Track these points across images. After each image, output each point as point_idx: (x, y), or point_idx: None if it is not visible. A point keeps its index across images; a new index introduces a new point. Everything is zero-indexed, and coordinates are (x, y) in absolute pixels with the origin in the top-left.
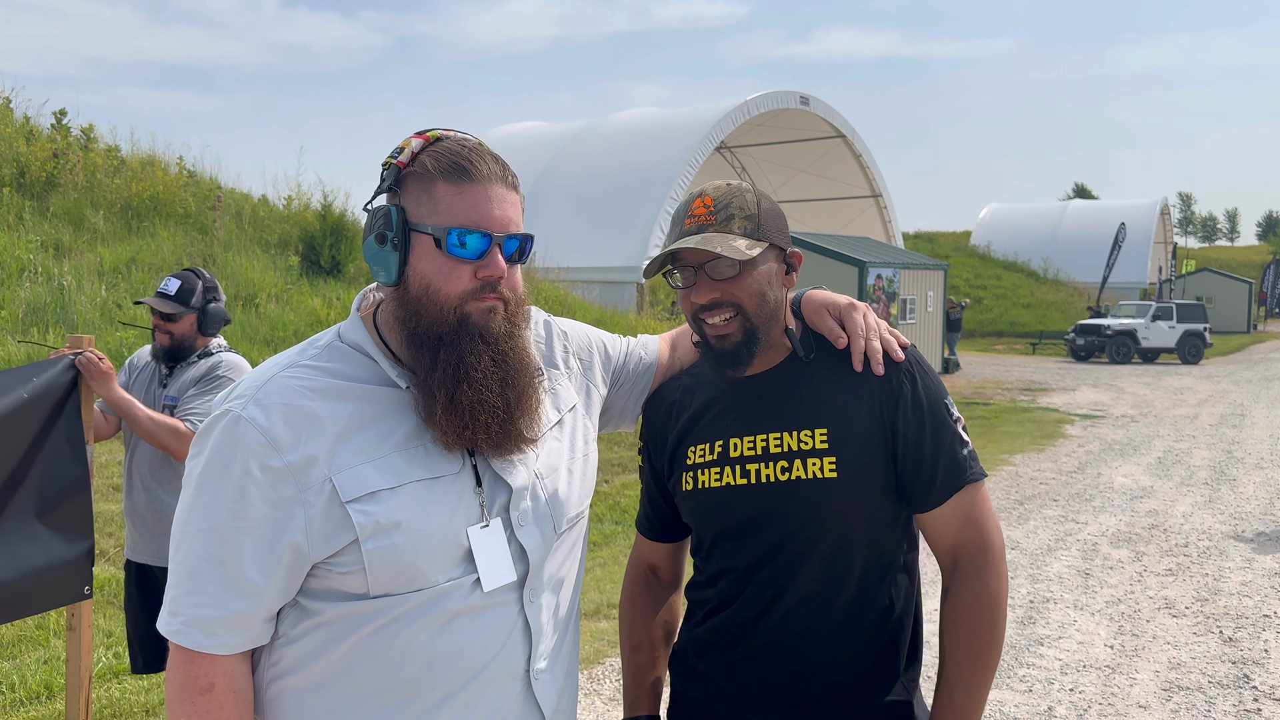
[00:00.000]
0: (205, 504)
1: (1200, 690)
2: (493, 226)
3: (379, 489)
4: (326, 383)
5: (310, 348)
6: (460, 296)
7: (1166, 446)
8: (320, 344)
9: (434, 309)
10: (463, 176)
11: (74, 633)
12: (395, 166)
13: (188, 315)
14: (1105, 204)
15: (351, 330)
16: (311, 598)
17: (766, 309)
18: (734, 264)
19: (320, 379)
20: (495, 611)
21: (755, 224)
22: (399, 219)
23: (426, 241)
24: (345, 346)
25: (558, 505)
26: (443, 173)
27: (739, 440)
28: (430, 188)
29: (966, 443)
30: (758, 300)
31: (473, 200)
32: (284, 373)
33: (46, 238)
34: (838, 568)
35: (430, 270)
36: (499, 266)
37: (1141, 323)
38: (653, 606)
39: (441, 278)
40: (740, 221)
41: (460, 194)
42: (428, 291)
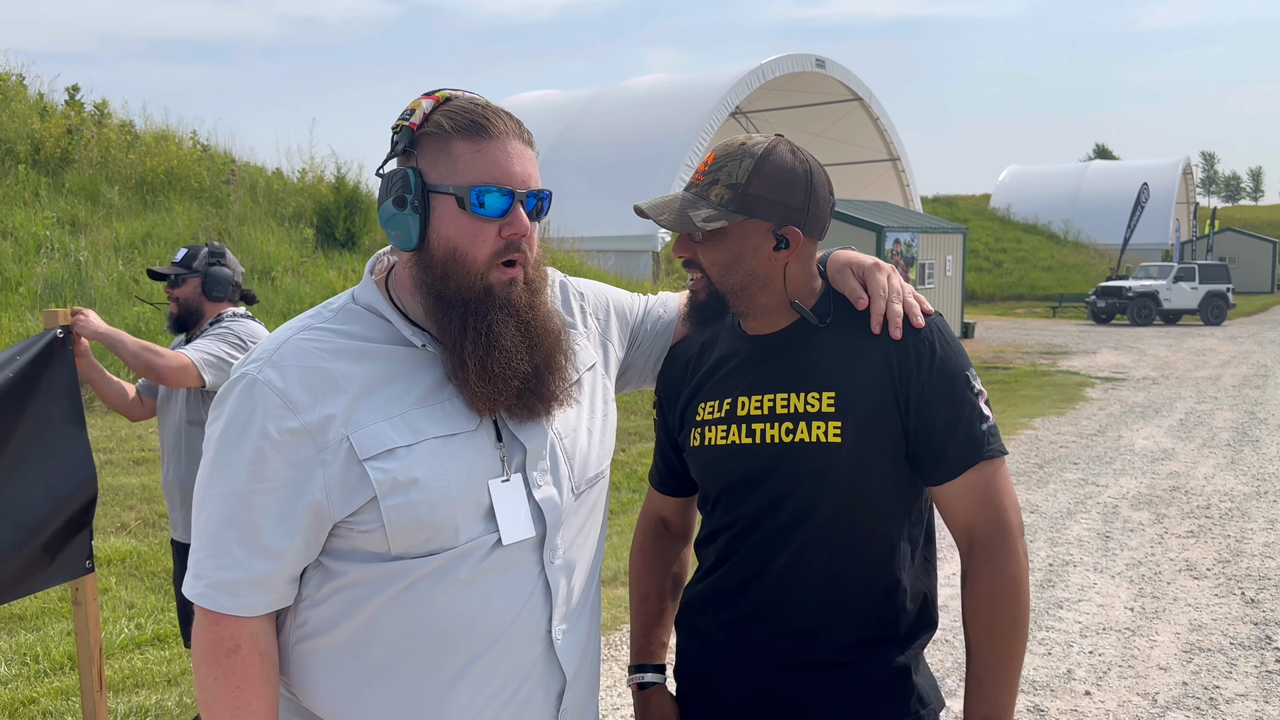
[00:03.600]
0: (224, 468)
1: (1221, 652)
2: (514, 183)
3: (396, 446)
4: (342, 344)
5: (325, 310)
6: (488, 260)
7: (1188, 408)
8: (334, 307)
9: (460, 272)
10: (480, 133)
11: (80, 606)
12: (408, 129)
13: (190, 279)
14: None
15: (365, 293)
16: (334, 558)
17: (733, 279)
18: (696, 234)
19: (335, 340)
20: (516, 573)
21: (736, 195)
22: (417, 181)
23: (448, 202)
24: (359, 308)
25: (577, 465)
26: (460, 131)
27: (746, 399)
28: (448, 147)
29: (987, 418)
30: (720, 270)
31: (493, 157)
32: (299, 335)
33: (63, 214)
34: (836, 534)
35: (454, 232)
36: (523, 223)
37: (1163, 284)
38: (662, 558)
39: (466, 239)
40: (719, 190)
41: (479, 151)
42: (454, 254)
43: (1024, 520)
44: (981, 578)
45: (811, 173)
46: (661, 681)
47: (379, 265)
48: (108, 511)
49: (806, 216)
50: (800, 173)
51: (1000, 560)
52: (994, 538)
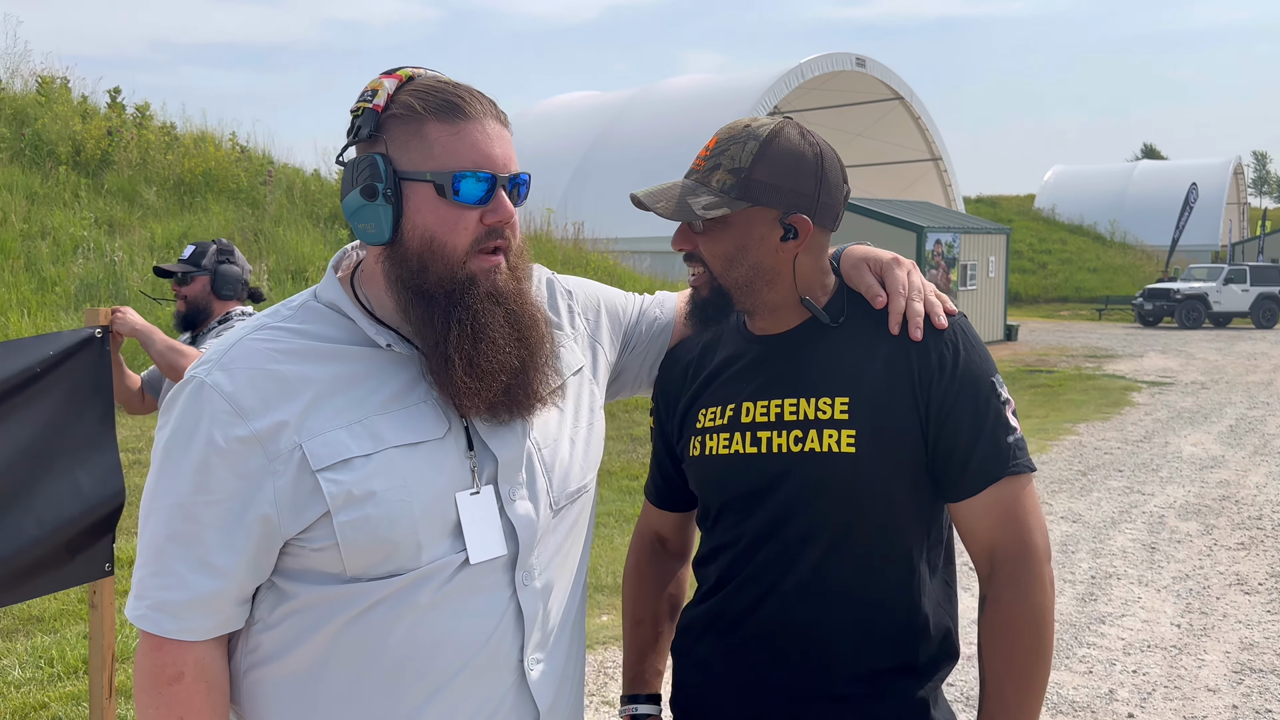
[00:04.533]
0: (169, 479)
1: (1274, 673)
2: (495, 166)
3: (352, 456)
4: (299, 344)
5: (284, 309)
6: (468, 248)
7: (1239, 414)
8: (294, 305)
9: (441, 263)
10: (456, 114)
11: (96, 610)
12: (371, 111)
13: (199, 276)
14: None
15: (327, 290)
16: (287, 578)
17: (737, 273)
18: (695, 223)
19: (292, 340)
20: (484, 596)
21: (739, 180)
22: (387, 168)
23: (425, 190)
24: (320, 306)
25: (556, 478)
26: (433, 112)
27: (752, 404)
28: (420, 130)
29: (1013, 429)
30: (723, 263)
31: (471, 139)
32: (253, 335)
33: (100, 214)
34: (850, 554)
35: (433, 221)
36: (507, 209)
37: (1213, 286)
38: (659, 579)
39: (446, 228)
40: (722, 175)
41: (457, 134)
42: (432, 245)
43: (1067, 530)
44: (1002, 605)
45: (822, 156)
46: (656, 713)
47: (345, 261)
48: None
49: (817, 204)
50: (810, 156)
51: (1023, 587)
52: (1017, 561)
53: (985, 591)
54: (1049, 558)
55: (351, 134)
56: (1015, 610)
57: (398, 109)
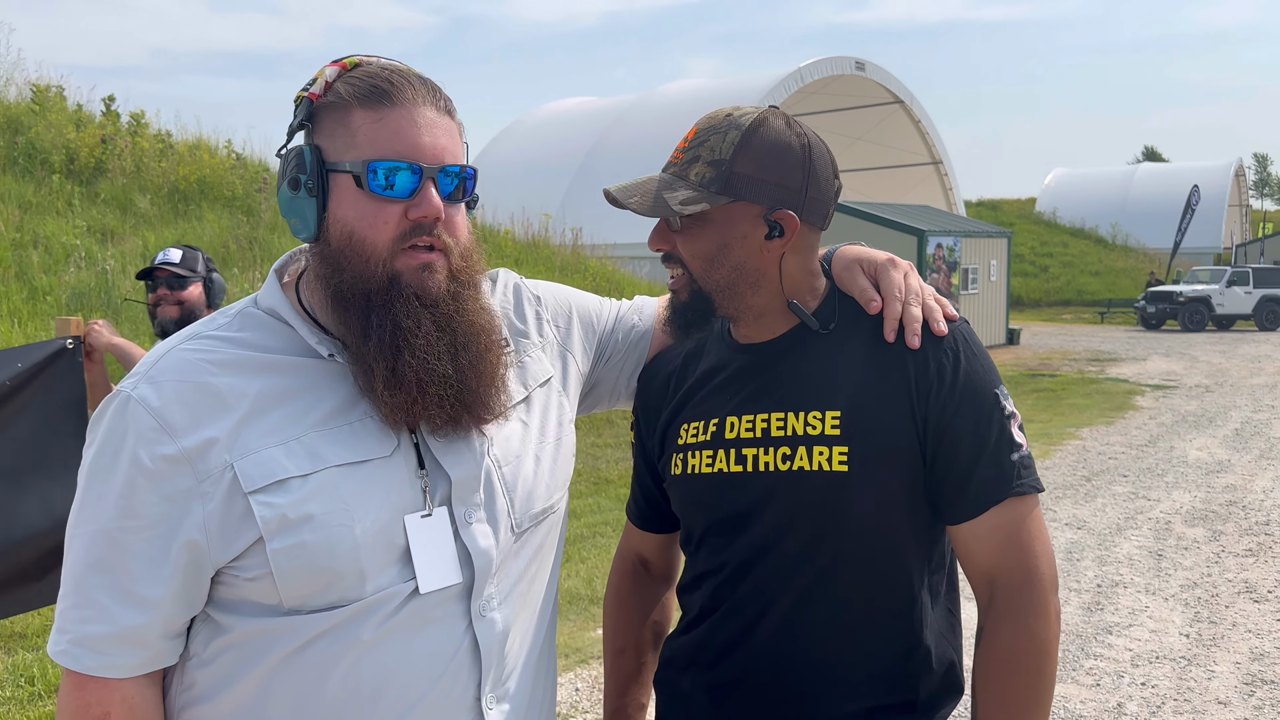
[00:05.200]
0: (92, 502)
1: None
2: (421, 156)
3: (288, 476)
4: (234, 354)
5: (220, 317)
6: (390, 245)
7: (1244, 418)
8: (231, 312)
9: (359, 261)
10: (382, 100)
11: None
12: (307, 99)
13: (195, 282)
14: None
15: (268, 295)
16: (222, 610)
17: (718, 275)
18: (672, 221)
19: (226, 350)
20: (436, 629)
21: (720, 173)
22: (313, 159)
23: (345, 181)
24: (259, 313)
25: (518, 498)
26: (359, 98)
27: (736, 419)
28: (346, 118)
29: (1019, 445)
30: (703, 264)
31: (395, 126)
32: (184, 345)
33: (94, 223)
34: (844, 581)
35: (352, 215)
36: (433, 204)
37: (1216, 288)
38: (641, 605)
39: (365, 223)
40: (700, 168)
41: (380, 120)
42: (350, 241)
43: (1071, 537)
44: (1001, 636)
45: (810, 148)
46: None
47: (293, 265)
48: None
49: (804, 199)
50: (797, 147)
51: (1026, 617)
52: (1021, 590)
53: (983, 621)
54: (1055, 587)
55: (291, 125)
56: (1014, 643)
57: (330, 97)
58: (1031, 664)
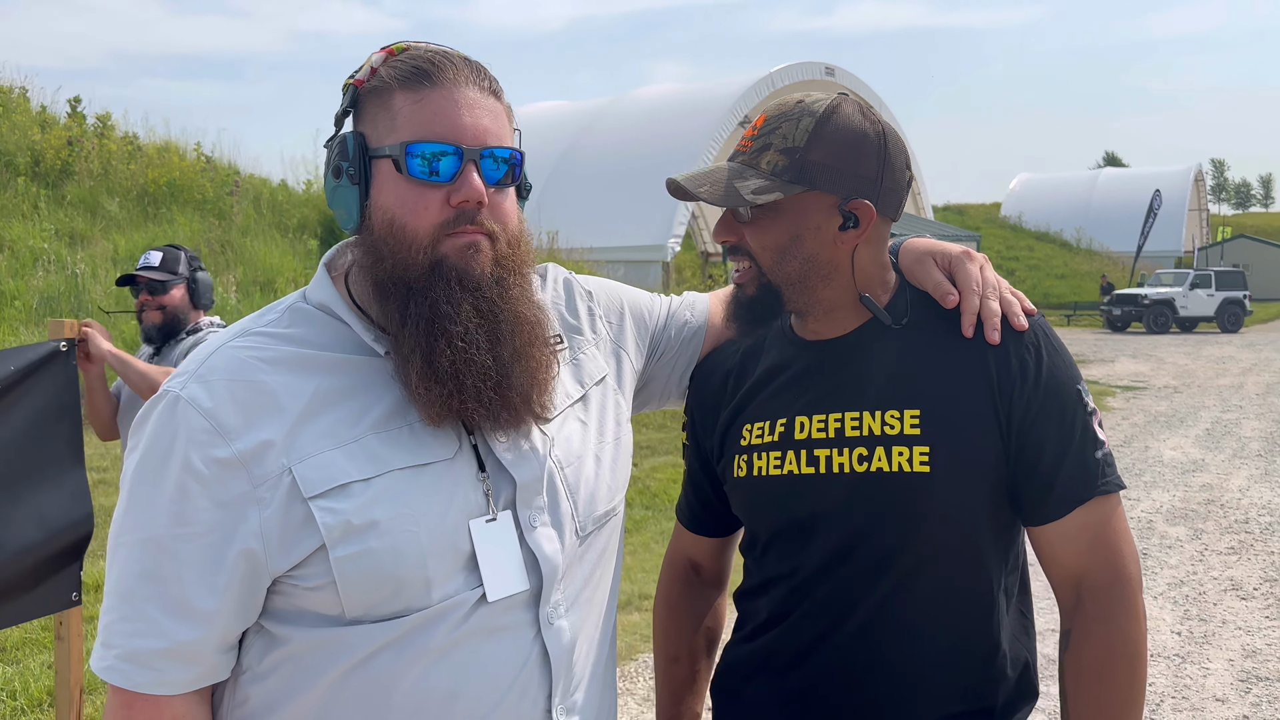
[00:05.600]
0: (140, 509)
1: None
2: (462, 138)
3: (350, 480)
4: (286, 351)
5: (269, 312)
6: (432, 232)
7: (1214, 417)
8: (281, 307)
9: (400, 249)
10: (422, 80)
11: (63, 642)
12: (353, 86)
13: (177, 284)
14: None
15: (318, 290)
16: (279, 622)
17: (789, 268)
18: (742, 210)
19: (278, 347)
20: (505, 638)
21: (793, 161)
22: (355, 146)
23: (386, 167)
24: (310, 309)
25: (582, 501)
26: (400, 80)
27: (807, 419)
28: (388, 102)
29: (1101, 443)
30: (773, 256)
31: (435, 107)
32: (234, 342)
33: (61, 226)
34: (926, 585)
35: (392, 201)
36: (475, 188)
37: (1179, 291)
38: (694, 611)
39: (406, 209)
40: (773, 156)
41: (419, 101)
42: (392, 229)
43: None
44: (1093, 639)
45: (885, 135)
46: None
47: (340, 260)
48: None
49: (879, 189)
50: (872, 135)
51: (1117, 618)
52: (1110, 591)
53: (1070, 625)
54: (1141, 587)
55: (337, 113)
56: (1108, 646)
57: (374, 81)
58: (1125, 666)
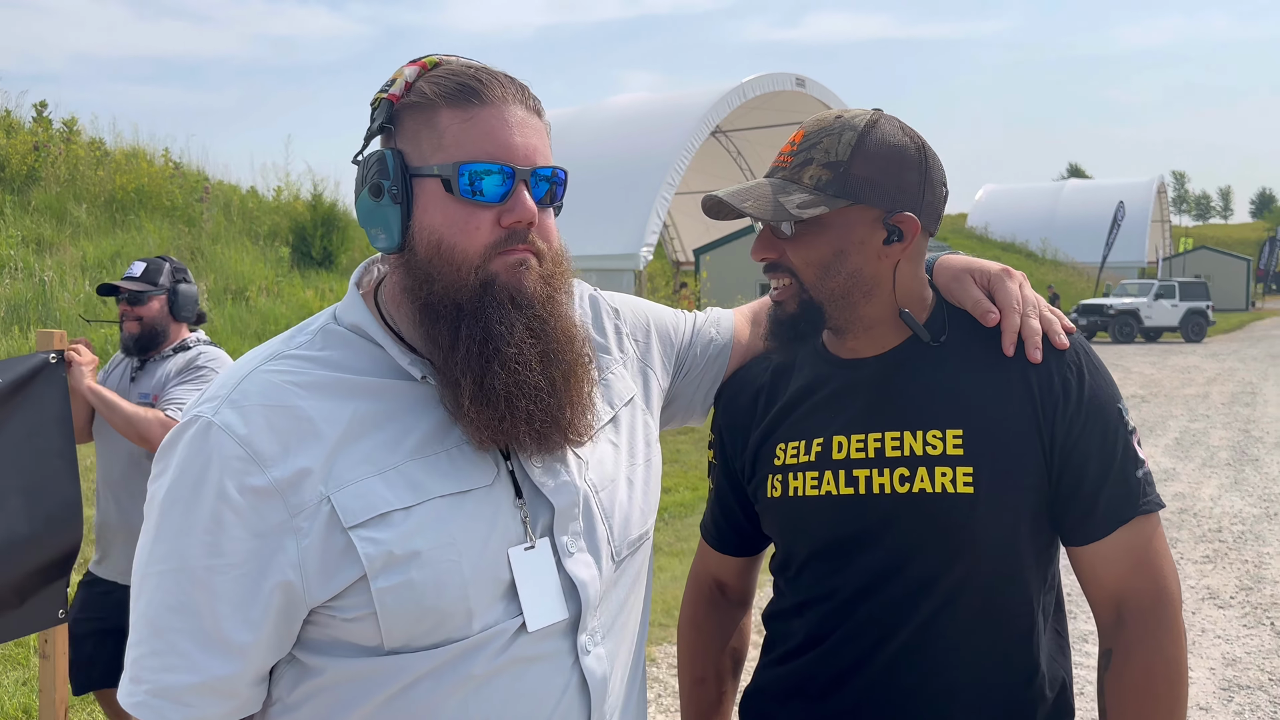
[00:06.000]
0: (171, 538)
1: (1262, 689)
2: (514, 158)
3: (391, 509)
4: (321, 376)
5: (300, 334)
6: (482, 252)
7: (1182, 427)
8: (312, 329)
9: (450, 271)
10: (471, 98)
11: (48, 660)
12: (387, 101)
13: (156, 296)
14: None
15: (350, 311)
16: (312, 652)
17: (833, 283)
18: (786, 225)
19: (313, 371)
20: (544, 667)
21: (837, 175)
22: (396, 164)
23: (433, 186)
24: (343, 330)
25: (617, 525)
26: (446, 97)
27: (845, 439)
28: (432, 119)
29: (1142, 462)
30: (817, 272)
31: (487, 127)
32: (267, 365)
33: (27, 233)
34: (967, 607)
35: (441, 222)
36: (528, 209)
37: (1144, 301)
38: (719, 631)
39: (456, 230)
40: (815, 170)
41: (470, 120)
42: (439, 250)
43: None
44: (1135, 659)
45: (925, 150)
46: None
47: (366, 277)
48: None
49: (922, 203)
50: (913, 149)
51: (1159, 638)
52: (1152, 611)
53: (1111, 645)
54: (1181, 605)
55: (368, 129)
56: (1152, 665)
57: (414, 97)
58: (1167, 687)
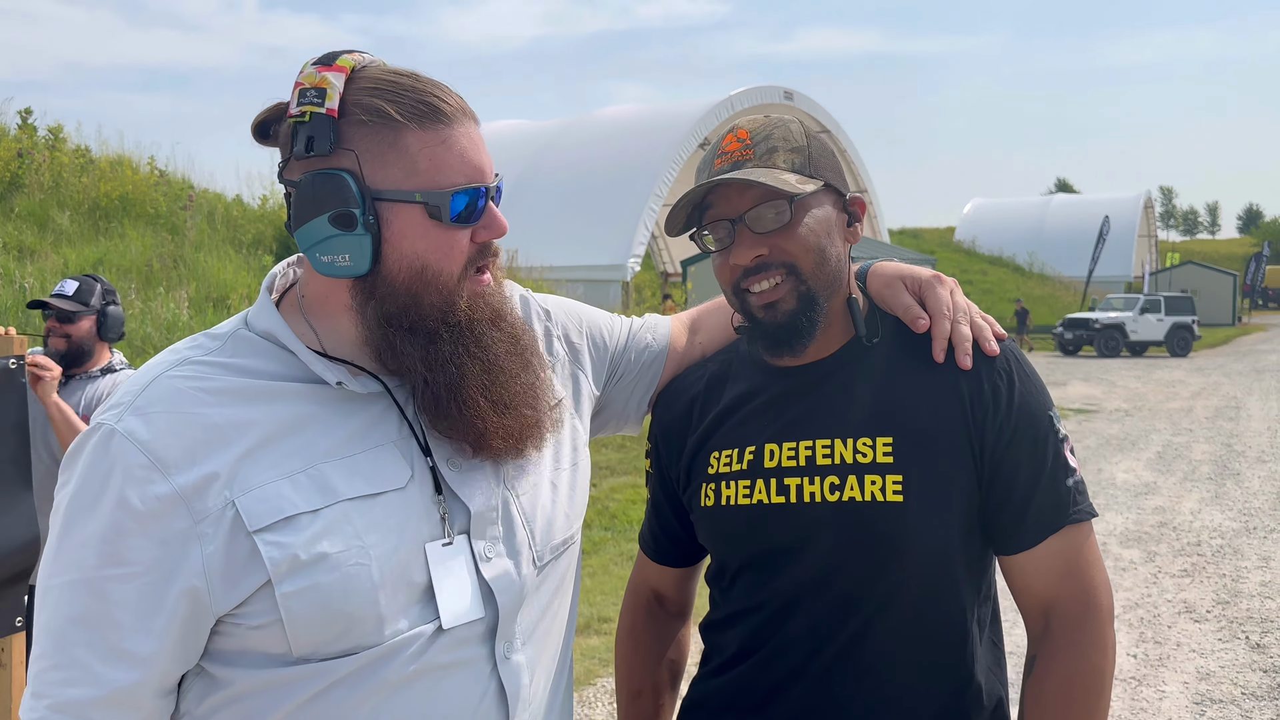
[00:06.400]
0: (71, 549)
1: (1234, 703)
2: (484, 177)
3: (298, 512)
4: (229, 382)
5: (208, 340)
6: (461, 271)
7: (1165, 441)
8: (222, 333)
9: (436, 294)
10: (438, 118)
11: (4, 670)
12: (325, 118)
13: (87, 316)
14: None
15: (262, 317)
16: (220, 663)
17: (827, 269)
18: (782, 209)
19: (221, 377)
20: (461, 673)
21: (805, 158)
22: (360, 189)
23: (413, 213)
24: (254, 336)
25: (539, 529)
26: (411, 117)
27: (776, 446)
28: (398, 141)
29: (1073, 470)
30: (815, 257)
31: (460, 148)
32: (172, 371)
33: (10, 239)
34: (897, 618)
35: (424, 247)
36: (501, 225)
37: (1130, 315)
38: (657, 643)
39: (440, 254)
40: (786, 155)
41: (443, 144)
42: (424, 275)
43: None
44: (1057, 667)
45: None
46: None
47: (279, 282)
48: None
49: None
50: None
51: (1084, 648)
52: (1079, 620)
53: (1036, 651)
54: (1112, 618)
55: (300, 145)
56: (1071, 675)
57: (362, 114)
58: (1088, 697)
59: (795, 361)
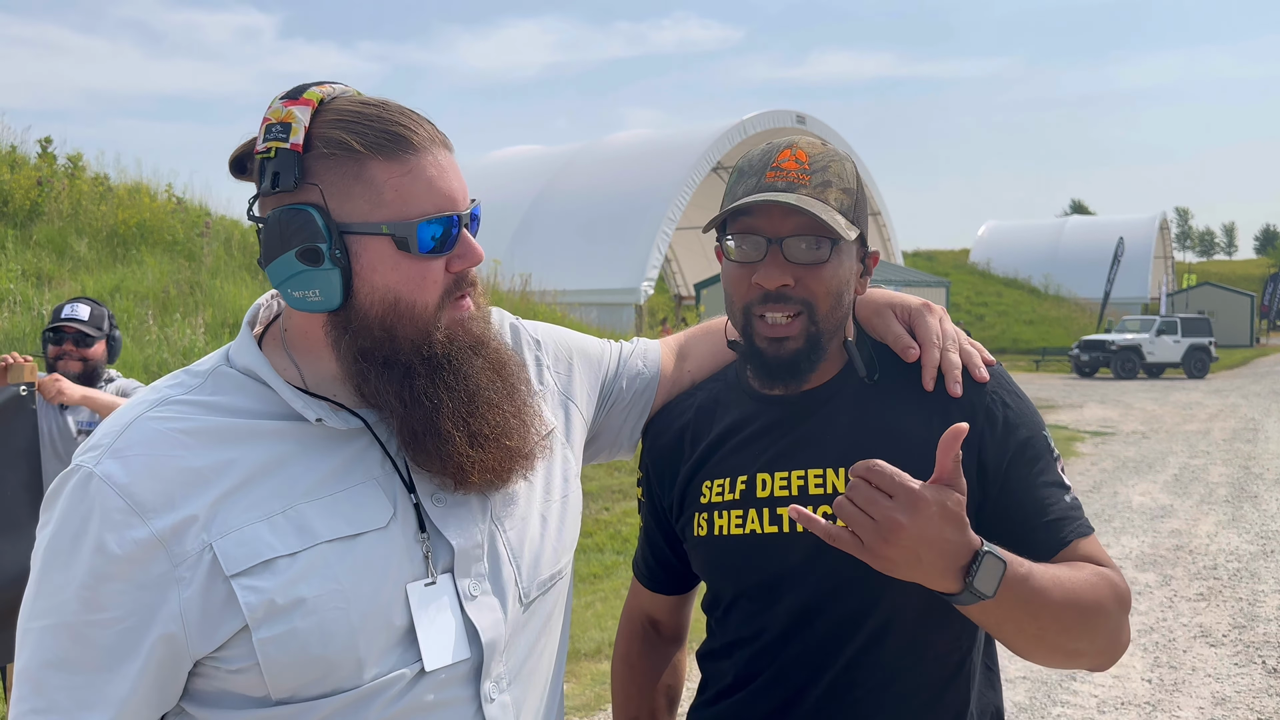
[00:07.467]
0: (50, 593)
1: None
2: (456, 205)
3: (276, 555)
4: (209, 421)
5: (189, 377)
6: (438, 302)
7: (1182, 463)
8: (202, 370)
9: (411, 327)
10: (404, 148)
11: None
12: (290, 153)
13: (100, 340)
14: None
15: (242, 353)
16: (200, 704)
17: (838, 315)
18: (823, 247)
19: (199, 417)
20: (444, 715)
21: (853, 202)
22: (326, 223)
23: (381, 245)
24: (234, 373)
25: (525, 565)
26: (375, 148)
27: (769, 476)
28: (362, 173)
29: (1068, 487)
30: (833, 301)
31: (426, 178)
32: (152, 412)
33: (28, 266)
34: (892, 646)
35: (395, 280)
36: (477, 253)
37: (1146, 337)
38: (652, 669)
39: (413, 286)
40: (838, 194)
41: (409, 173)
42: (397, 308)
43: None
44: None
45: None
46: None
47: (262, 314)
48: None
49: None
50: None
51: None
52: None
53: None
54: (1128, 607)
55: (266, 181)
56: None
57: (325, 146)
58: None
59: (787, 390)
